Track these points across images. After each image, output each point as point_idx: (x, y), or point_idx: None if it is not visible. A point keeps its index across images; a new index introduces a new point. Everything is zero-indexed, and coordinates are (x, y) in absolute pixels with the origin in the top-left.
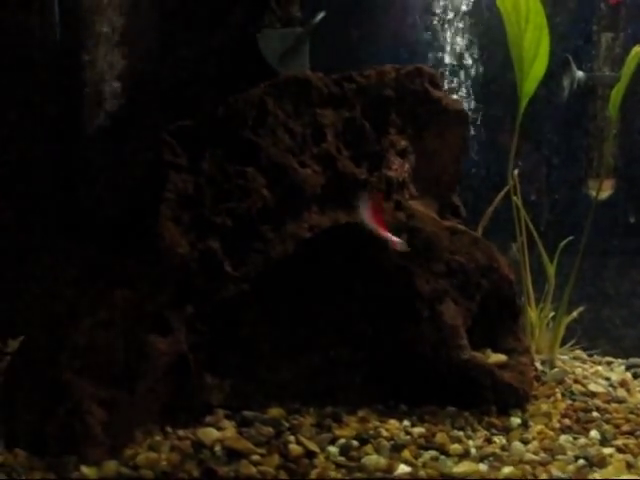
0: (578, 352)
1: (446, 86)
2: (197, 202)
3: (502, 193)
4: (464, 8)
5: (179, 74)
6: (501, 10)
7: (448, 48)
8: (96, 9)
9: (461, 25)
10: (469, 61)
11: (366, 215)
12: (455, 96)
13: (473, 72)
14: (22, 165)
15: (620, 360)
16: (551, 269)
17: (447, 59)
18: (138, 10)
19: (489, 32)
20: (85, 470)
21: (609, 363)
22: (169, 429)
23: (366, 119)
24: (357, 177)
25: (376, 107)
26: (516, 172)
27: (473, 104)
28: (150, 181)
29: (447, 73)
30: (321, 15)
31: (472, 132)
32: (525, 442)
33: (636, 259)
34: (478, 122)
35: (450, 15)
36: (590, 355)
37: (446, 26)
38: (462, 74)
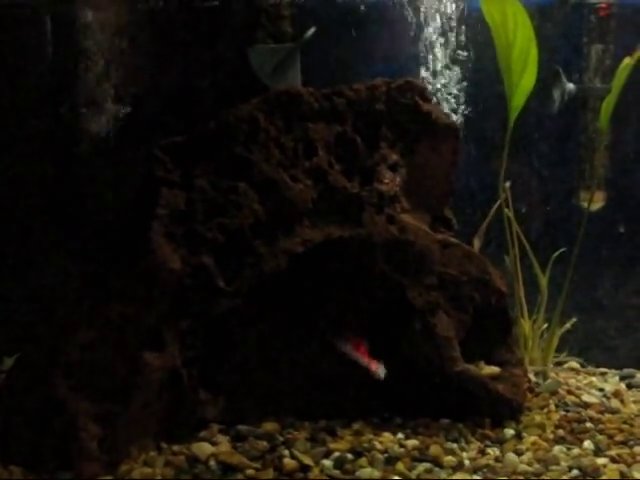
0: (572, 363)
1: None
2: (189, 217)
3: (495, 206)
4: (453, 24)
5: (172, 91)
6: (489, 23)
7: (437, 63)
8: (88, 28)
9: (451, 39)
10: (458, 75)
11: (348, 348)
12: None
13: (462, 86)
14: (16, 182)
15: (614, 371)
16: (543, 280)
17: (436, 74)
18: (131, 29)
19: (478, 46)
20: None
21: (603, 374)
22: (164, 444)
23: (357, 133)
24: (349, 191)
25: (367, 121)
26: (507, 185)
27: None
28: (142, 197)
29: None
30: (312, 30)
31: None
32: (519, 453)
33: (628, 269)
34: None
35: (439, 30)
36: (583, 366)
37: (435, 41)
38: (452, 88)
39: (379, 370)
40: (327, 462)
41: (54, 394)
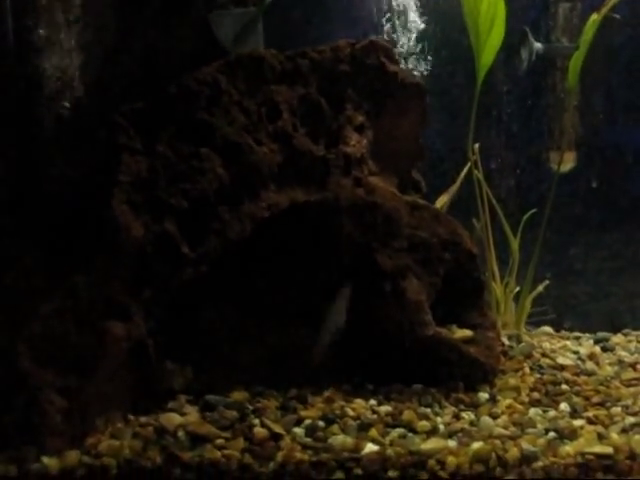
0: (545, 328)
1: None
2: (152, 184)
3: (465, 169)
4: None
5: (134, 57)
6: None
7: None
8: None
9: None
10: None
11: None
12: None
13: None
14: None
15: (588, 334)
16: (515, 244)
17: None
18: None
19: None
20: (46, 461)
21: (577, 338)
22: (131, 416)
23: (322, 95)
24: (314, 154)
25: (331, 83)
26: (476, 146)
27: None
28: (103, 164)
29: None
30: None
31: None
32: (494, 417)
33: (601, 233)
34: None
35: None
36: (557, 330)
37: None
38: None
39: None
40: (298, 430)
41: (17, 367)
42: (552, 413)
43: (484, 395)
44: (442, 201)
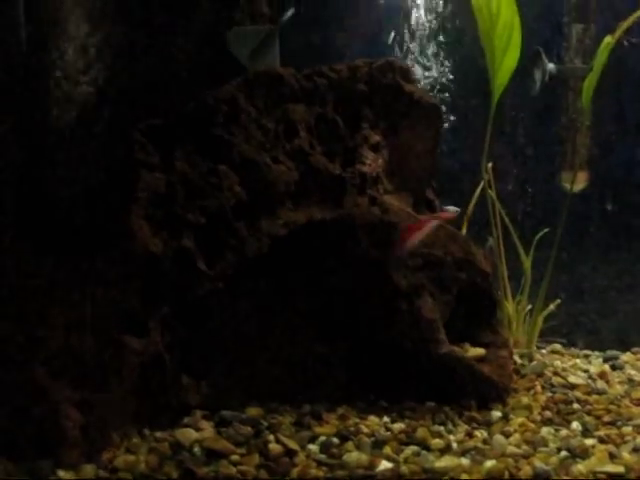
0: (555, 345)
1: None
2: (170, 200)
3: (479, 188)
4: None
5: (149, 74)
6: (472, 2)
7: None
8: (62, 14)
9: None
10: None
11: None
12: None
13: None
14: None
15: (597, 353)
16: (527, 262)
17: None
18: (105, 11)
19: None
20: (62, 474)
21: (587, 356)
22: (147, 431)
23: (338, 114)
24: (330, 172)
25: (348, 102)
26: (490, 165)
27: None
28: (122, 180)
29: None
30: (291, 12)
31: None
32: (507, 435)
33: (611, 251)
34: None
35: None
36: (568, 348)
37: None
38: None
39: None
40: (313, 447)
41: (34, 380)
42: (564, 432)
43: (497, 413)
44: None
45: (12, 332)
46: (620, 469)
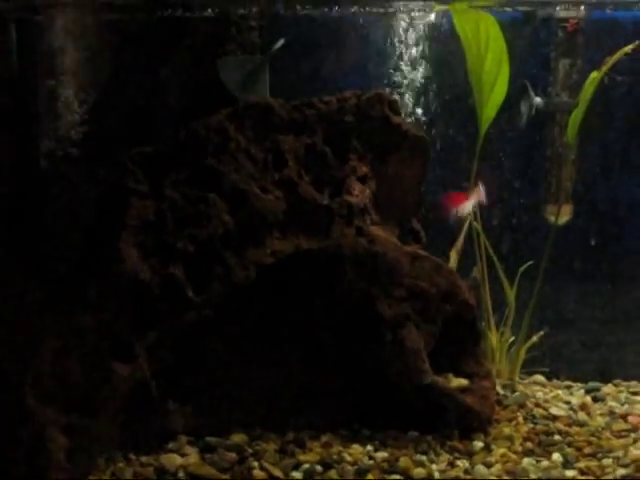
0: (537, 376)
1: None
2: (159, 228)
3: (467, 220)
4: (423, 35)
5: (139, 103)
6: (461, 36)
7: (407, 76)
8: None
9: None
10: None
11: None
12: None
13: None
14: None
15: (579, 384)
16: (511, 294)
17: (406, 87)
18: (96, 40)
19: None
20: None
21: (568, 387)
22: (132, 455)
23: (327, 145)
24: (318, 203)
25: (337, 133)
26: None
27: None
28: (111, 207)
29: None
30: (281, 42)
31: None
32: (488, 465)
33: (594, 283)
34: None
35: (409, 42)
36: (550, 379)
37: (404, 53)
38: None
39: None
40: (297, 474)
41: (22, 404)
42: (545, 463)
43: (479, 444)
44: (453, 257)
45: (1, 356)
46: None
